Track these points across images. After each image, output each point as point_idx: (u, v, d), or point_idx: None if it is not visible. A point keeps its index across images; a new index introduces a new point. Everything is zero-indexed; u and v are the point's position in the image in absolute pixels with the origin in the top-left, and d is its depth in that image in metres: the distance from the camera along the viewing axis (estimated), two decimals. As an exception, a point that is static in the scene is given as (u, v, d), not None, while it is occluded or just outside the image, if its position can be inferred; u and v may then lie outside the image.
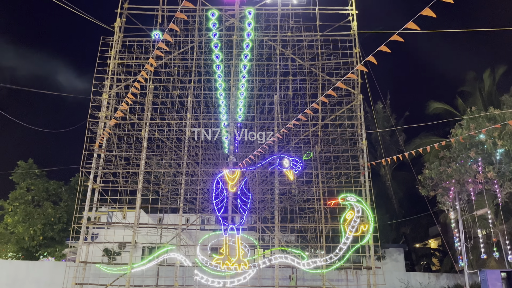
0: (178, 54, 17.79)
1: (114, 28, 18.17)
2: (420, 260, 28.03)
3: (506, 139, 14.39)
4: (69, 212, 24.73)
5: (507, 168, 14.47)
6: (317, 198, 16.12)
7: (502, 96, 16.72)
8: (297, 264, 14.74)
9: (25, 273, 18.99)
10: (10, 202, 25.23)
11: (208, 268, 14.64)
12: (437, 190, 16.62)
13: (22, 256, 25.52)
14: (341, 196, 14.69)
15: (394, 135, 26.60)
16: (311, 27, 18.18)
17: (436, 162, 16.60)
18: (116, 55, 17.76)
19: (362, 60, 14.98)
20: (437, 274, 21.89)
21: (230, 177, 15.00)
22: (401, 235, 26.83)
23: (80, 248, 16.10)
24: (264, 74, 17.60)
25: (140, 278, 16.73)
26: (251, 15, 17.03)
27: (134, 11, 18.57)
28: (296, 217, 16.47)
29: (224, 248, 14.82)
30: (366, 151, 16.65)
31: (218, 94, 16.80)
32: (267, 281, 16.71)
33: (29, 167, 25.77)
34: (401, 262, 22.43)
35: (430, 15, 7.02)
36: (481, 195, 15.90)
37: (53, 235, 25.28)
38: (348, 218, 14.36)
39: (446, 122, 19.77)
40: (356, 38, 17.72)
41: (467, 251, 16.20)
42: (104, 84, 17.03)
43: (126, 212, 16.92)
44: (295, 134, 16.53)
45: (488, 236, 18.37)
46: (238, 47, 17.49)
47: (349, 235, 14.18)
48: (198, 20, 18.01)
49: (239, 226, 14.87)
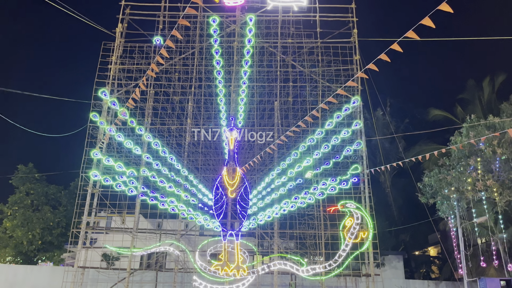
0: (179, 60, 17.87)
1: (115, 34, 18.26)
2: (419, 268, 27.95)
3: (506, 147, 14.41)
4: (68, 216, 24.68)
5: (506, 176, 14.47)
6: (316, 205, 16.11)
7: (502, 104, 16.75)
8: (296, 271, 14.69)
9: (23, 278, 18.92)
10: (9, 206, 25.20)
11: (206, 274, 14.60)
12: (436, 198, 16.62)
13: (20, 260, 25.42)
14: (341, 202, 14.68)
15: (394, 142, 26.62)
16: (312, 34, 18.29)
17: (435, 170, 16.61)
18: (117, 60, 17.84)
19: (362, 68, 15.04)
20: (437, 282, 21.83)
21: (229, 182, 15.01)
22: (400, 243, 26.77)
23: (78, 252, 16.06)
24: (264, 80, 17.67)
25: (138, 283, 16.69)
26: (252, 21, 17.12)
27: (135, 16, 18.68)
28: (295, 223, 16.45)
29: (223, 254, 14.79)
30: (366, 158, 16.66)
31: (218, 100, 16.84)
32: (266, 287, 16.66)
33: (29, 171, 25.76)
34: (400, 269, 22.39)
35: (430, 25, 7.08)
36: (480, 203, 15.89)
37: (51, 240, 25.21)
38: (347, 225, 14.34)
39: (445, 129, 19.79)
40: (357, 45, 17.82)
41: (467, 259, 16.17)
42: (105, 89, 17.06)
43: (125, 217, 16.92)
44: (295, 140, 16.54)
45: (488, 244, 18.33)
46: (239, 53, 17.58)
47: (348, 242, 14.15)
48: (199, 26, 18.10)
49: (238, 232, 14.86)
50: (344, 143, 16.35)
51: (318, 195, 15.38)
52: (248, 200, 15.09)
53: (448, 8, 6.80)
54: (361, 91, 17.15)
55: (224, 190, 15.03)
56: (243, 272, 14.46)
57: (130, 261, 15.96)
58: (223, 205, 14.92)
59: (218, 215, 14.90)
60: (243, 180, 15.20)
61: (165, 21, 18.41)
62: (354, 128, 16.41)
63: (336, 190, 15.27)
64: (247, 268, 14.63)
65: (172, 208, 15.58)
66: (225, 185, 15.05)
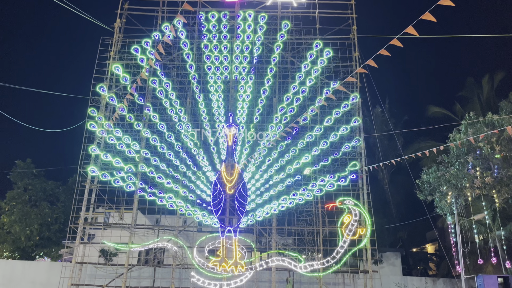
0: (177, 56, 17.78)
1: (114, 29, 18.17)
2: (417, 265, 28.02)
3: (504, 145, 14.42)
4: (66, 212, 24.61)
5: (504, 174, 14.48)
6: (314, 201, 16.10)
7: (501, 101, 16.75)
8: (294, 267, 14.71)
9: (21, 273, 18.90)
10: (7, 201, 25.13)
11: (204, 270, 14.61)
12: (434, 195, 16.63)
13: (18, 256, 25.39)
14: (339, 199, 14.69)
15: (393, 139, 26.62)
16: (311, 30, 18.20)
17: (434, 167, 16.61)
18: (116, 55, 17.76)
19: (361, 64, 15.00)
20: (434, 279, 21.87)
21: (228, 179, 15.00)
22: (398, 239, 26.82)
23: (76, 248, 16.05)
24: (263, 76, 17.59)
25: (136, 279, 16.70)
26: (251, 17, 17.06)
27: (134, 12, 18.57)
28: (293, 220, 16.45)
29: (221, 250, 14.80)
30: (365, 155, 16.64)
31: (217, 96, 16.78)
32: (263, 283, 16.68)
33: (27, 167, 25.68)
34: (398, 266, 22.41)
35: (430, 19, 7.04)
36: (478, 200, 15.91)
37: (49, 235, 25.17)
38: (345, 221, 14.36)
39: (444, 126, 19.79)
40: (356, 41, 17.76)
41: (464, 256, 16.20)
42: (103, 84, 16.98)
43: (123, 212, 16.90)
44: (293, 137, 16.48)
45: (485, 241, 18.37)
46: (238, 49, 17.48)
47: (346, 239, 14.17)
48: (198, 22, 18.00)
49: (236, 228, 14.86)
50: (343, 139, 16.34)
51: (316, 191, 15.39)
52: (246, 197, 15.08)
53: (449, 2, 6.76)
54: (360, 88, 17.12)
55: (222, 186, 15.03)
56: (241, 268, 14.47)
57: (128, 257, 15.94)
58: (221, 201, 14.92)
59: (216, 211, 14.90)
60: (241, 176, 15.19)
61: (164, 16, 18.31)
62: (353, 125, 16.39)
63: (334, 187, 15.27)
64: (245, 264, 14.64)
65: (170, 204, 15.57)
66: (223, 181, 15.04)
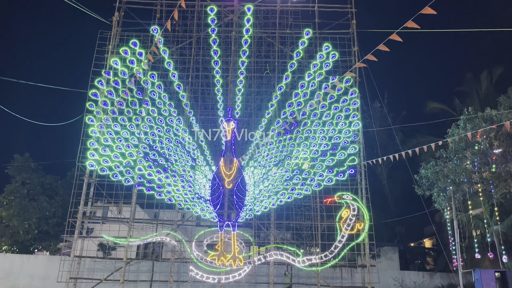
0: (176, 49, 17.71)
1: (112, 22, 18.07)
2: (414, 259, 28.15)
3: (502, 140, 14.44)
4: (65, 206, 24.59)
5: (502, 169, 14.51)
6: (313, 196, 16.13)
7: (499, 97, 16.76)
8: (292, 261, 14.77)
9: (19, 267, 18.94)
10: (5, 195, 25.11)
11: (203, 264, 14.65)
12: (432, 190, 16.67)
13: (17, 249, 25.42)
14: (337, 194, 14.72)
15: (391, 134, 26.65)
16: (310, 24, 18.14)
17: (432, 162, 16.64)
18: (114, 49, 17.67)
19: (360, 59, 14.97)
20: (431, 273, 22.00)
21: (226, 173, 15.00)
22: (396, 234, 26.93)
23: (75, 242, 16.06)
24: (262, 71, 17.56)
25: (135, 273, 16.74)
26: (250, 11, 16.97)
27: (132, 5, 18.46)
28: (292, 214, 16.49)
29: (220, 245, 14.83)
30: (363, 150, 16.65)
31: (215, 90, 16.73)
32: (262, 277, 16.75)
33: (25, 161, 25.63)
34: (395, 260, 22.53)
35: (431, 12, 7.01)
36: (476, 195, 15.96)
37: (48, 229, 25.18)
38: (343, 216, 14.40)
39: (443, 122, 19.81)
40: (355, 36, 17.71)
41: (462, 251, 16.27)
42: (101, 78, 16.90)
43: (121, 207, 16.90)
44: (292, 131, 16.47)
45: (483, 236, 18.45)
46: (237, 44, 17.44)
47: (344, 233, 14.22)
48: (197, 16, 17.92)
49: (234, 223, 14.89)
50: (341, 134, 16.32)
51: (315, 186, 15.40)
52: (245, 191, 15.09)
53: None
54: (359, 83, 17.09)
55: (221, 181, 15.03)
56: (239, 263, 14.52)
57: (127, 251, 15.97)
58: (220, 195, 14.93)
59: (215, 205, 14.91)
60: (240, 171, 15.19)
61: (163, 10, 18.23)
62: (351, 120, 16.36)
63: (333, 182, 15.28)
64: (243, 259, 14.69)
65: (168, 198, 15.57)
66: (222, 176, 15.04)
